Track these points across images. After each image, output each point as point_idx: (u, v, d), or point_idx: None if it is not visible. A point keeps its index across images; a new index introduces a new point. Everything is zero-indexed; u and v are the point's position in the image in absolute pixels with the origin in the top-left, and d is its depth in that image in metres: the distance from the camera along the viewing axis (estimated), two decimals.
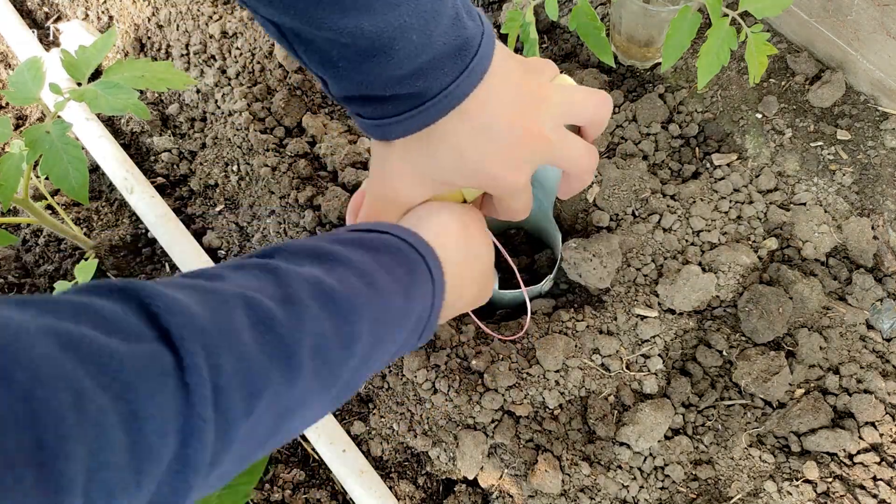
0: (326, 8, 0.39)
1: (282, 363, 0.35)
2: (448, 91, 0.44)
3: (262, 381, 0.34)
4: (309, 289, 0.38)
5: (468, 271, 0.51)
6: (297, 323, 0.36)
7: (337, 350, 0.38)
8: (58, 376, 0.25)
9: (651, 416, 0.84)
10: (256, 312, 0.35)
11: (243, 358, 0.33)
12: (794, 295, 0.88)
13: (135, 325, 0.30)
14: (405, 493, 0.89)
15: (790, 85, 1.01)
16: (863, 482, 0.83)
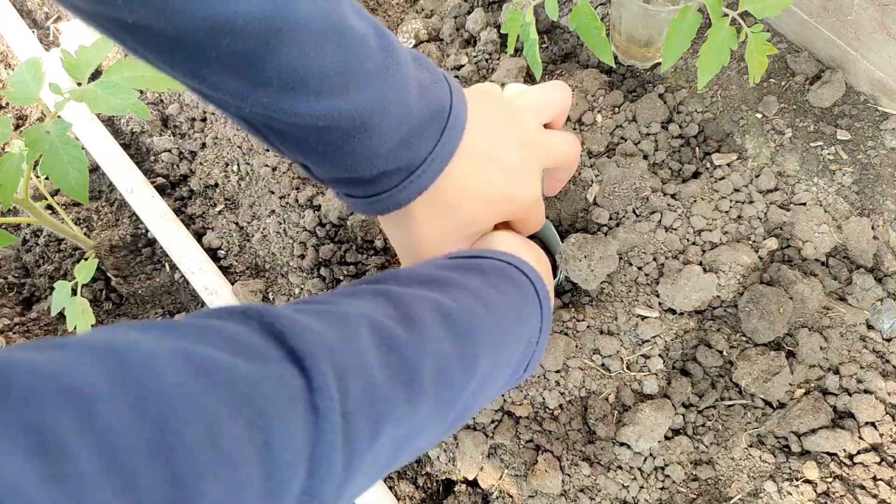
0: (299, 96, 0.38)
1: (405, 387, 0.33)
2: (435, 153, 0.44)
3: (387, 406, 0.32)
4: (428, 308, 0.37)
5: (547, 277, 0.52)
6: (420, 343, 0.35)
7: (458, 373, 0.36)
8: (192, 408, 0.24)
9: (651, 416, 0.84)
10: (380, 332, 0.33)
11: (370, 381, 0.31)
12: (795, 295, 0.88)
13: (260, 345, 0.29)
14: (405, 493, 0.89)
15: (790, 85, 1.01)
16: (863, 482, 0.83)
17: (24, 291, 1.12)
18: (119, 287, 1.07)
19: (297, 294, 0.99)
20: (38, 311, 1.08)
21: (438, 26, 1.16)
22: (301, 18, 0.35)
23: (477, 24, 1.12)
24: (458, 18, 1.16)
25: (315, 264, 1.00)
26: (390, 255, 1.00)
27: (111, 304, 1.07)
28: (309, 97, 0.38)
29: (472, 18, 1.13)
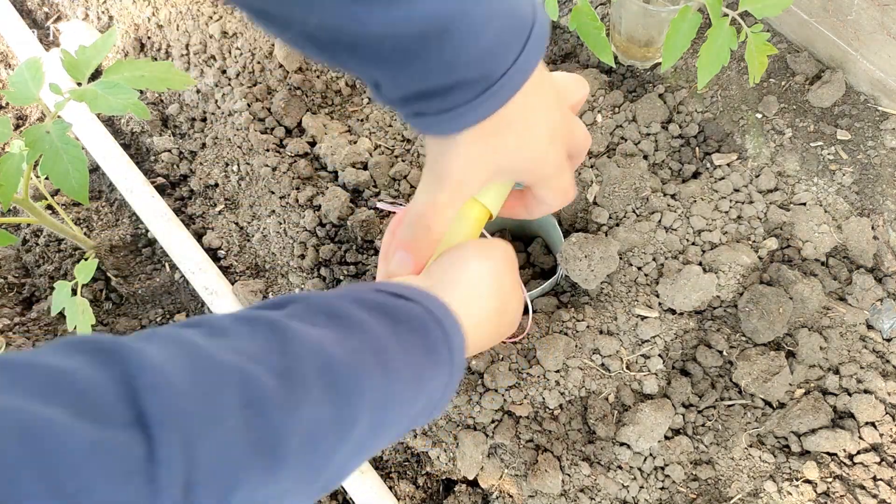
0: (373, 3, 0.36)
1: (266, 454, 0.31)
2: (517, 66, 0.42)
3: (240, 474, 0.30)
4: (315, 364, 0.34)
5: (494, 326, 0.50)
6: (293, 406, 0.32)
7: (331, 437, 0.34)
8: (9, 479, 0.23)
9: (651, 416, 0.84)
10: (250, 391, 0.31)
11: (225, 446, 0.30)
12: (794, 295, 0.88)
13: (111, 403, 0.27)
14: (405, 493, 0.89)
15: (790, 85, 1.01)
16: (863, 482, 0.83)
17: (24, 291, 1.12)
18: (119, 287, 1.07)
19: None
20: (38, 311, 1.08)
21: None
22: None
23: None
24: None
25: (315, 264, 1.00)
26: None
27: (111, 304, 1.07)
28: (381, 5, 0.36)
29: None
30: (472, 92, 0.42)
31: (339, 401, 0.35)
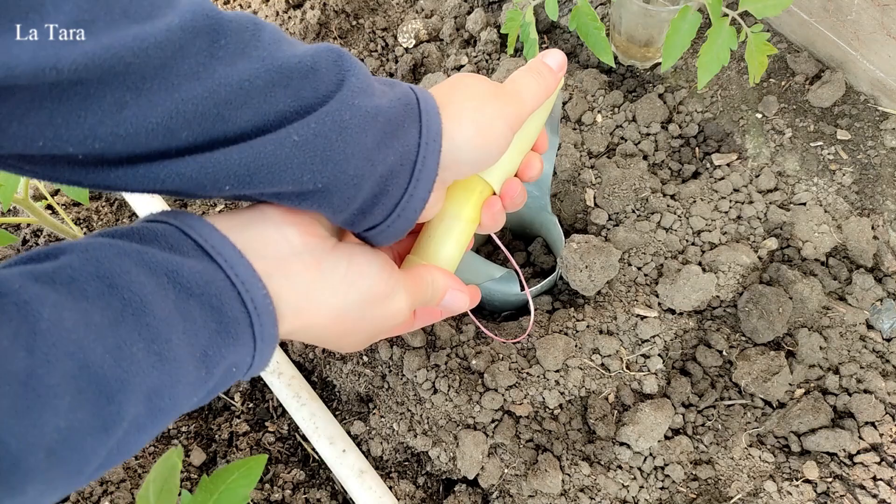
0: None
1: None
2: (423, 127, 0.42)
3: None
4: (68, 367, 0.29)
5: (351, 322, 0.43)
6: (36, 418, 0.28)
7: (92, 438, 0.30)
8: None
9: (651, 416, 0.84)
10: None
11: None
12: (794, 295, 0.88)
13: None
14: (405, 493, 0.89)
15: (790, 85, 1.01)
16: (863, 482, 0.83)
17: None
18: None
19: None
20: None
21: (438, 26, 1.16)
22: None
23: (477, 24, 1.12)
24: (458, 18, 1.16)
25: None
26: None
27: None
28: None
29: (472, 18, 1.13)
30: (381, 214, 0.43)
31: (100, 401, 0.30)
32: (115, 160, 0.34)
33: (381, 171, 0.40)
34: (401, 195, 0.42)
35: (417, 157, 0.42)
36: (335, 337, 0.42)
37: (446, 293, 0.49)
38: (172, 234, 0.37)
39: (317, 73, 0.37)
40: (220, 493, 0.62)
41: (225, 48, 0.34)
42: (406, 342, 0.92)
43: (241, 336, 0.36)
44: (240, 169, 0.36)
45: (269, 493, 0.89)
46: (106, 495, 0.87)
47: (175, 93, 0.33)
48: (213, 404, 0.99)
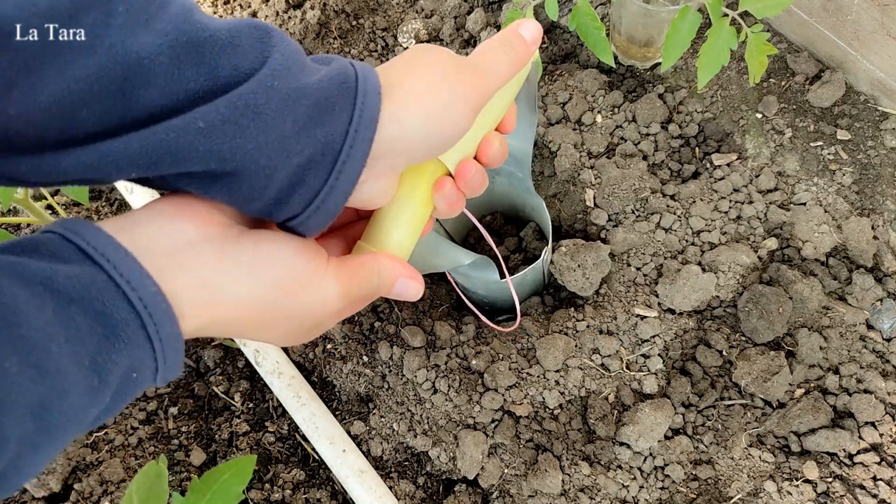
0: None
1: None
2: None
3: None
4: None
5: (268, 319, 0.39)
6: None
7: None
8: None
9: (651, 415, 0.84)
10: None
11: None
12: (794, 295, 0.88)
13: None
14: (405, 493, 0.89)
15: (790, 85, 1.01)
16: (863, 482, 0.83)
17: None
18: None
19: None
20: None
21: (438, 26, 1.16)
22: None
23: (477, 24, 1.12)
24: (458, 18, 1.16)
25: None
26: None
27: None
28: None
29: (472, 18, 1.13)
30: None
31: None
32: (19, 147, 0.32)
33: (297, 161, 0.37)
34: (319, 187, 0.38)
35: (343, 146, 0.37)
36: (254, 330, 0.39)
37: (396, 282, 0.45)
38: (53, 242, 0.34)
39: (237, 49, 0.34)
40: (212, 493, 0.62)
41: (124, 16, 0.31)
42: (406, 342, 0.92)
43: (133, 339, 0.33)
44: (141, 157, 0.33)
45: (269, 493, 0.89)
46: (106, 495, 0.87)
47: (67, 69, 0.30)
48: (213, 404, 0.99)
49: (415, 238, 0.47)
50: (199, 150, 0.34)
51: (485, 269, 0.77)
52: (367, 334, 0.95)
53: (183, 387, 1.00)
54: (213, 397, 0.99)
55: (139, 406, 0.96)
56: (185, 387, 1.00)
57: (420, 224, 0.47)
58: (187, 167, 0.35)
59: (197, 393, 0.99)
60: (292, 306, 0.39)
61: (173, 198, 0.38)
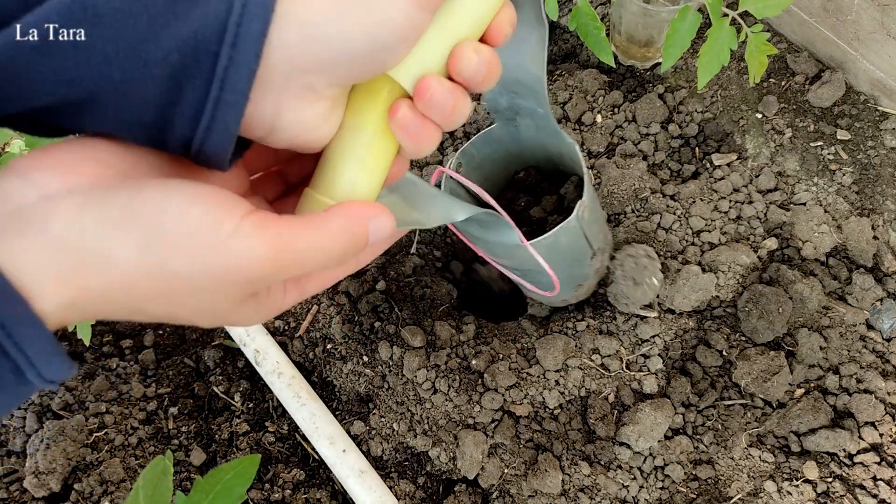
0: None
1: None
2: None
3: None
4: None
5: (164, 289, 0.30)
6: None
7: None
8: None
9: (651, 415, 0.84)
10: None
11: None
12: (794, 295, 0.88)
13: None
14: (405, 492, 0.89)
15: (790, 85, 1.01)
16: (863, 482, 0.83)
17: None
18: None
19: None
20: None
21: None
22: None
23: None
24: None
25: None
26: (390, 255, 1.00)
27: None
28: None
29: None
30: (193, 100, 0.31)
31: None
32: None
33: (161, 70, 0.29)
34: (201, 102, 0.30)
35: (222, 46, 0.29)
36: (148, 303, 0.30)
37: (368, 228, 0.34)
38: None
39: None
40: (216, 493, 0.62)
41: None
42: (406, 342, 0.92)
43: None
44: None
45: (269, 493, 0.89)
46: (106, 495, 0.87)
47: None
48: (213, 404, 0.99)
49: (374, 179, 0.37)
50: (39, 71, 0.28)
51: (498, 229, 0.61)
52: (367, 334, 0.95)
53: (183, 387, 1.00)
54: (213, 397, 0.99)
55: (139, 406, 0.96)
56: (185, 387, 1.00)
57: (380, 160, 0.37)
58: (35, 98, 0.29)
59: (197, 393, 0.99)
60: (192, 270, 0.29)
61: (49, 148, 0.31)
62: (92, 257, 0.28)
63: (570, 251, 0.73)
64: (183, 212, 0.28)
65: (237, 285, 0.30)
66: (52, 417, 0.92)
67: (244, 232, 0.29)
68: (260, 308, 0.34)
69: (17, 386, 0.28)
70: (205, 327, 0.65)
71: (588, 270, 0.79)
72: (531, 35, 0.53)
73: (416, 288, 0.97)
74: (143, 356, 1.01)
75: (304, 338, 0.98)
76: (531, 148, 0.80)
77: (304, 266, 0.32)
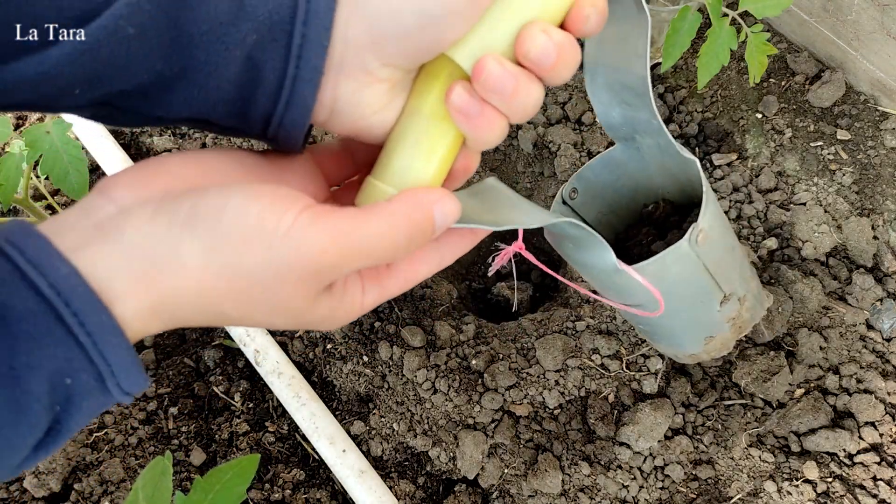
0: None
1: None
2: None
3: None
4: None
5: (236, 288, 0.30)
6: None
7: None
8: None
9: (651, 415, 0.84)
10: None
11: None
12: (794, 295, 0.88)
13: None
14: (405, 492, 0.89)
15: (790, 85, 1.01)
16: (863, 482, 0.83)
17: None
18: None
19: None
20: None
21: None
22: None
23: None
24: None
25: None
26: None
27: None
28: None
29: None
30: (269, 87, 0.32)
31: None
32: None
33: (242, 52, 0.31)
34: (280, 79, 0.31)
35: (295, 24, 0.30)
36: (226, 304, 0.30)
37: (433, 214, 0.33)
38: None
39: None
40: (215, 492, 0.62)
41: None
42: (406, 342, 0.92)
43: (48, 333, 0.26)
44: (76, 73, 0.29)
45: (269, 493, 0.89)
46: (106, 495, 0.87)
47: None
48: (213, 404, 0.99)
49: (433, 165, 0.35)
50: (137, 55, 0.29)
51: (592, 248, 0.51)
52: (367, 334, 0.95)
53: (183, 387, 1.00)
54: (213, 397, 0.99)
55: (139, 406, 0.96)
56: (185, 387, 1.00)
57: (437, 145, 0.35)
58: (129, 80, 0.30)
59: (197, 393, 0.99)
60: (255, 265, 0.29)
61: (128, 168, 0.33)
62: (163, 261, 0.29)
63: (688, 287, 0.58)
64: (243, 210, 0.29)
65: (303, 279, 0.30)
66: None
67: (303, 223, 0.30)
68: (337, 306, 0.34)
69: (99, 395, 0.28)
70: (289, 329, 0.63)
71: (717, 317, 0.63)
72: (626, 23, 0.46)
73: (416, 288, 0.97)
74: (143, 356, 1.01)
75: (304, 337, 0.98)
76: (659, 175, 0.67)
77: (371, 255, 0.31)
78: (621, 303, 0.60)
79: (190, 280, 0.29)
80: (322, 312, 0.33)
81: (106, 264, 0.28)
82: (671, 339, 0.66)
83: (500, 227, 0.37)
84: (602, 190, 0.68)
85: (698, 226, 0.53)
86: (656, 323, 0.62)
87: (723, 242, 0.58)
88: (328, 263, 0.30)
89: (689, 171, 0.59)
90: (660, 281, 0.54)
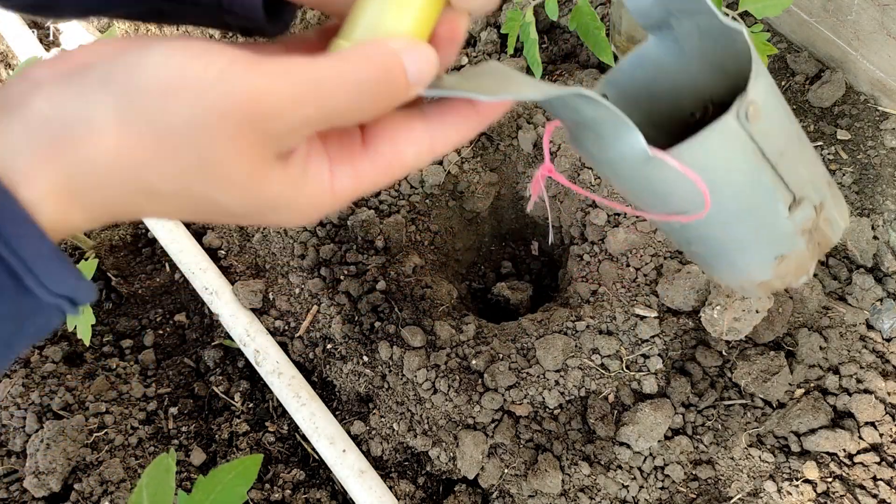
0: None
1: None
2: None
3: None
4: None
5: (167, 151, 0.25)
6: None
7: None
8: None
9: (651, 415, 0.84)
10: None
11: None
12: (794, 295, 0.88)
13: None
14: (405, 492, 0.89)
15: (790, 85, 1.01)
16: (863, 482, 0.83)
17: None
18: (119, 287, 1.07)
19: (297, 294, 0.99)
20: None
21: None
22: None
23: (477, 24, 1.12)
24: None
25: (315, 264, 1.00)
26: (390, 255, 1.00)
27: (111, 304, 1.08)
28: None
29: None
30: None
31: None
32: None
33: None
34: None
35: None
36: (148, 171, 0.25)
37: (403, 62, 0.28)
38: None
39: None
40: (217, 492, 0.62)
41: None
42: (406, 342, 0.92)
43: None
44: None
45: (269, 493, 0.89)
46: (106, 495, 0.87)
47: None
48: (213, 404, 0.99)
49: (408, 18, 0.30)
50: None
51: (615, 136, 0.38)
52: (367, 334, 0.95)
53: (183, 387, 1.00)
54: (213, 397, 0.99)
55: (139, 406, 0.96)
56: (185, 387, 1.00)
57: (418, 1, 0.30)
58: None
59: (197, 393, 0.99)
60: (181, 119, 0.25)
61: (60, 52, 0.29)
62: (73, 127, 0.24)
63: (743, 181, 0.42)
64: (164, 62, 0.25)
65: (244, 133, 0.25)
66: (52, 417, 0.92)
67: (238, 69, 0.25)
68: (299, 184, 0.28)
69: (17, 295, 0.24)
70: (244, 223, 0.52)
71: (788, 227, 0.47)
72: None
73: (416, 288, 0.97)
74: (143, 356, 1.01)
75: (304, 338, 0.98)
76: (704, 72, 0.52)
77: (325, 104, 0.26)
78: (662, 211, 0.45)
79: (103, 145, 0.24)
80: (278, 190, 0.27)
81: (7, 140, 0.24)
82: (732, 260, 0.49)
83: (493, 96, 0.30)
84: (636, 96, 0.53)
85: (747, 95, 0.39)
86: (710, 236, 0.47)
87: (784, 126, 0.44)
88: (270, 109, 0.25)
89: (738, 53, 0.45)
90: (704, 170, 0.40)
